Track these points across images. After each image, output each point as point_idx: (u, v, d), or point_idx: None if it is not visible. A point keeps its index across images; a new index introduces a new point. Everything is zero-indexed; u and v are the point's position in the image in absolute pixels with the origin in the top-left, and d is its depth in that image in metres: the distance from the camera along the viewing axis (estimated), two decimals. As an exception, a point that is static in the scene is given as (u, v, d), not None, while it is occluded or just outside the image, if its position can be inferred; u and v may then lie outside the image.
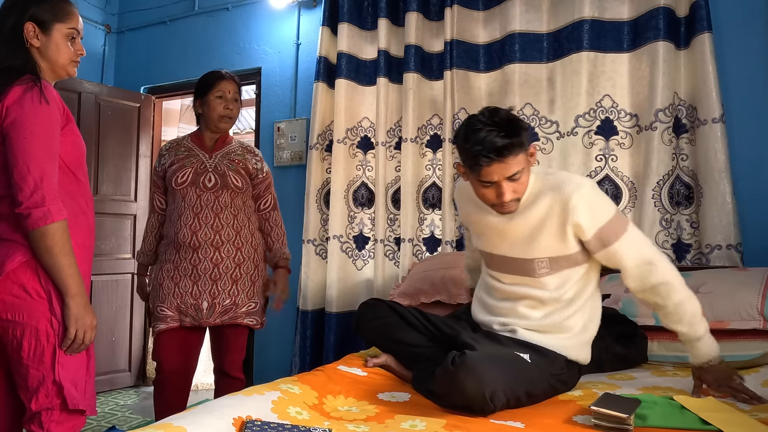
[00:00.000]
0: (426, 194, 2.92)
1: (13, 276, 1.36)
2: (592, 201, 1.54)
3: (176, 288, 2.12)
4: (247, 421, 1.19)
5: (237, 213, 2.17)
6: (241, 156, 2.22)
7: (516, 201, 1.56)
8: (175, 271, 2.13)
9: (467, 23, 2.82)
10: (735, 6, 2.39)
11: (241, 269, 2.15)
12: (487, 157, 1.45)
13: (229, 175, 2.16)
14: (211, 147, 2.22)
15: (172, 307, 2.12)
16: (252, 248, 2.20)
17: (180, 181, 2.14)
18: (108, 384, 3.58)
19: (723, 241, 2.25)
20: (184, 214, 2.12)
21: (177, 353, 2.17)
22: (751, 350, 1.81)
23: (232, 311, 2.13)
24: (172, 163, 2.19)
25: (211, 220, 2.12)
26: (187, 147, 2.22)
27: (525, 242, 1.61)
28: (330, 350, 2.94)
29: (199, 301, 2.10)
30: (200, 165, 2.16)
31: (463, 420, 1.31)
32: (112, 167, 3.65)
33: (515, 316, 1.65)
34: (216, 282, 2.12)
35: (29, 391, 1.37)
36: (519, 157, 1.49)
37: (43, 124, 1.37)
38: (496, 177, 1.49)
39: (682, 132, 2.40)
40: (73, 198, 1.46)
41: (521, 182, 1.53)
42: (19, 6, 1.45)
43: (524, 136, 1.50)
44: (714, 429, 1.24)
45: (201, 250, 2.11)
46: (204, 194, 2.13)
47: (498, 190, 1.51)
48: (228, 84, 2.20)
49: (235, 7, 3.65)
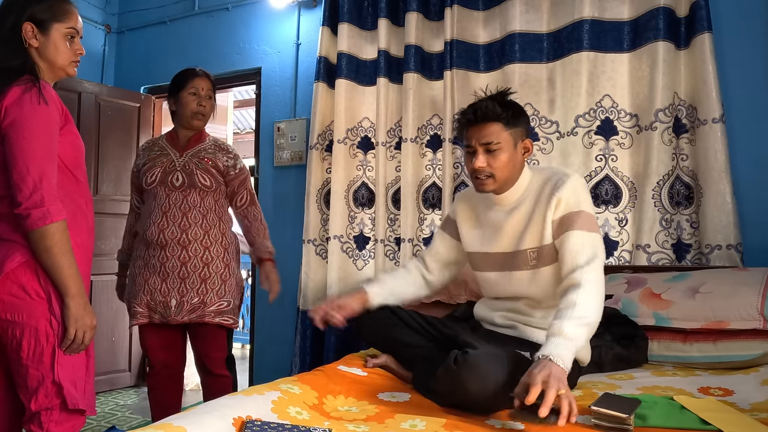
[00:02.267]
0: (426, 194, 2.92)
1: (12, 276, 1.36)
2: (580, 188, 1.60)
3: (146, 284, 2.14)
4: (247, 421, 1.19)
5: (206, 212, 2.17)
6: (212, 154, 2.22)
7: (490, 177, 1.60)
8: (144, 268, 2.16)
9: (467, 23, 2.82)
10: (735, 6, 2.39)
11: (210, 268, 2.15)
12: (466, 115, 1.60)
13: (196, 174, 2.16)
14: (184, 145, 2.23)
15: (143, 304, 2.14)
16: (222, 248, 2.19)
17: (149, 181, 2.17)
18: (108, 384, 3.58)
19: (723, 241, 2.25)
20: (154, 212, 2.15)
21: (161, 347, 2.20)
22: (751, 350, 1.81)
23: (200, 309, 2.13)
24: (145, 162, 2.22)
25: (178, 219, 2.13)
26: (160, 146, 2.24)
27: (520, 235, 1.65)
28: (330, 350, 2.94)
29: (168, 299, 2.12)
30: (169, 164, 2.18)
31: (463, 420, 1.31)
32: (112, 167, 3.65)
33: (517, 312, 1.68)
34: (184, 280, 2.12)
35: (29, 391, 1.37)
36: (496, 127, 1.57)
37: (42, 125, 1.37)
38: (473, 141, 1.59)
39: (682, 132, 2.40)
40: (73, 198, 1.46)
41: (498, 159, 1.58)
42: (17, 6, 1.45)
43: (511, 114, 1.58)
44: (714, 429, 1.24)
45: (168, 248, 2.12)
46: (173, 193, 2.15)
47: (474, 156, 1.59)
48: (201, 81, 2.21)
49: (235, 7, 3.65)
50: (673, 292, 2.01)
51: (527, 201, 1.64)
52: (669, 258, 2.38)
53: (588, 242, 1.53)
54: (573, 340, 1.36)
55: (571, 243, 1.53)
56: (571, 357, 1.35)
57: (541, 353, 1.33)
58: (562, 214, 1.57)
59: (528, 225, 1.62)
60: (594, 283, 1.47)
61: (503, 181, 1.62)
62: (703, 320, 1.90)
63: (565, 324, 1.38)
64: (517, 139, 1.60)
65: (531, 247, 1.62)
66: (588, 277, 1.47)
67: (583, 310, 1.41)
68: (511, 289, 1.70)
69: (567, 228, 1.55)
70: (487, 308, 1.78)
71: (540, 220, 1.60)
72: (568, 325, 1.38)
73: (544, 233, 1.60)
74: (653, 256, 2.38)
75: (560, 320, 1.40)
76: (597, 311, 1.44)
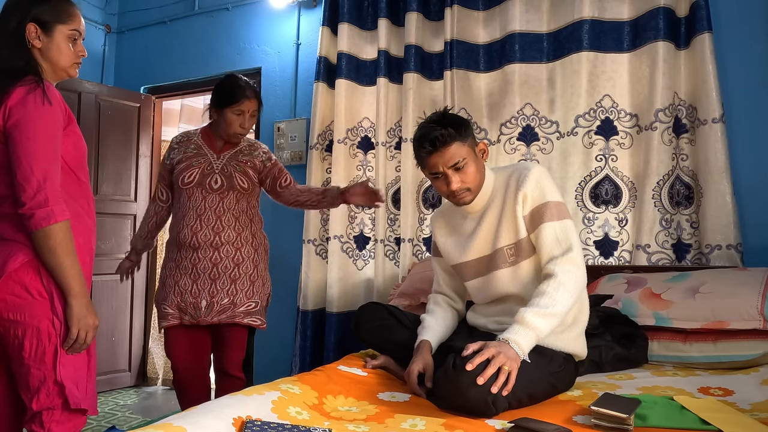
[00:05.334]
0: (426, 194, 2.92)
1: (15, 276, 1.36)
2: (542, 179, 1.63)
3: (176, 286, 2.15)
4: (247, 421, 1.19)
5: (239, 215, 2.18)
6: (248, 155, 2.23)
7: (468, 191, 1.65)
8: (176, 270, 2.16)
9: (467, 23, 2.82)
10: (735, 6, 2.39)
11: (240, 269, 2.16)
12: (424, 147, 1.61)
13: (235, 177, 2.17)
14: (221, 147, 2.22)
15: (173, 305, 2.15)
16: (252, 249, 2.20)
17: (186, 181, 2.15)
18: (108, 384, 3.58)
19: (723, 241, 2.25)
20: (188, 214, 2.14)
21: (186, 350, 2.20)
22: (751, 350, 1.81)
23: (230, 310, 2.14)
24: (180, 160, 2.20)
25: (212, 222, 2.13)
26: (197, 144, 2.22)
27: (494, 235, 1.68)
28: (330, 350, 2.94)
29: (198, 300, 2.12)
30: (207, 166, 2.17)
31: (463, 420, 1.31)
32: (112, 167, 3.65)
33: (508, 314, 1.66)
34: (215, 281, 2.13)
35: (30, 391, 1.38)
36: (456, 146, 1.59)
37: (46, 125, 1.37)
38: (440, 167, 1.61)
39: (682, 132, 2.41)
40: (75, 198, 1.46)
41: (468, 173, 1.62)
42: (21, 7, 1.45)
43: (462, 129, 1.62)
44: (714, 429, 1.24)
45: (201, 250, 2.12)
46: (209, 196, 2.15)
47: (446, 180, 1.62)
48: (251, 103, 2.17)
49: (235, 7, 3.65)
50: (673, 292, 2.01)
51: (495, 201, 1.68)
52: (669, 258, 2.38)
53: (561, 232, 1.58)
54: (534, 329, 1.44)
55: (545, 236, 1.59)
56: (530, 344, 1.44)
57: (501, 336, 1.44)
58: (531, 208, 1.62)
59: (500, 224, 1.66)
60: (568, 273, 1.52)
61: (478, 188, 1.67)
62: (703, 320, 1.90)
63: (529, 312, 1.46)
64: (473, 146, 1.65)
65: (507, 244, 1.66)
66: (562, 267, 1.53)
67: (550, 300, 1.48)
68: (495, 290, 1.70)
69: (539, 221, 1.60)
70: (479, 315, 1.78)
71: (511, 216, 1.64)
72: (531, 313, 1.46)
73: (518, 229, 1.63)
74: (653, 256, 2.38)
75: (526, 308, 1.48)
76: (566, 302, 1.49)
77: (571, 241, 1.57)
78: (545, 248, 1.59)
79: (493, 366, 1.35)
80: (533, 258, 1.64)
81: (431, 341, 1.68)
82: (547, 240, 1.58)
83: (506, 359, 1.37)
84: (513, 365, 1.38)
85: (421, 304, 2.44)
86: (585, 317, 1.68)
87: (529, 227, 1.63)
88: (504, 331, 1.46)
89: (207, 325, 2.16)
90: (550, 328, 1.47)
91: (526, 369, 1.42)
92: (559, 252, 1.56)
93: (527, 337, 1.44)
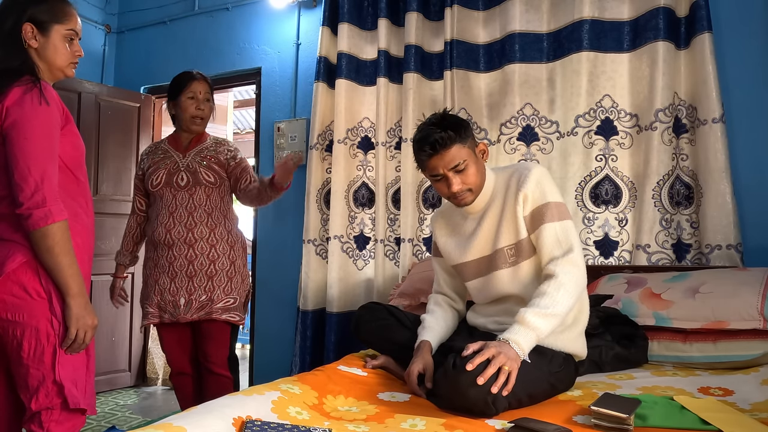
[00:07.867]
0: (426, 194, 2.91)
1: (13, 276, 1.36)
2: (543, 179, 1.63)
3: (156, 285, 2.20)
4: (247, 421, 1.19)
5: (212, 211, 2.21)
6: (212, 151, 2.27)
7: (469, 192, 1.65)
8: (154, 269, 2.21)
9: (467, 23, 2.82)
10: (735, 6, 2.39)
11: (216, 266, 2.19)
12: (425, 150, 1.60)
13: (200, 172, 2.21)
14: (186, 146, 2.28)
15: (153, 304, 2.20)
16: (228, 245, 2.23)
17: (155, 183, 2.22)
18: (108, 384, 3.57)
19: (723, 241, 2.25)
20: (161, 213, 2.20)
21: (177, 346, 2.26)
22: (751, 350, 1.81)
23: (207, 307, 2.17)
24: (149, 166, 2.27)
25: (185, 219, 2.17)
26: (163, 149, 2.30)
27: (494, 235, 1.67)
28: (330, 350, 2.94)
29: (177, 298, 2.17)
30: (173, 165, 2.23)
31: (463, 420, 1.31)
32: (111, 167, 3.65)
33: (508, 315, 1.66)
34: (192, 279, 2.16)
35: (29, 391, 1.38)
36: (457, 149, 1.59)
37: (43, 125, 1.37)
38: (440, 170, 1.61)
39: (682, 132, 2.40)
40: (73, 198, 1.46)
41: (469, 174, 1.62)
42: (17, 7, 1.45)
43: (462, 130, 1.61)
44: (714, 429, 1.24)
45: (175, 247, 2.16)
46: (179, 193, 2.19)
47: (447, 182, 1.62)
48: (199, 84, 2.25)
49: (235, 7, 3.65)
50: (673, 292, 2.01)
51: (496, 201, 1.68)
52: (669, 258, 2.38)
53: (561, 233, 1.58)
54: (534, 329, 1.45)
55: (546, 236, 1.59)
56: (530, 344, 1.44)
57: (501, 336, 1.44)
58: (531, 208, 1.62)
59: (501, 224, 1.66)
60: (569, 274, 1.52)
61: (479, 189, 1.67)
62: (703, 320, 1.90)
63: (529, 312, 1.46)
64: (473, 147, 1.65)
65: (508, 244, 1.66)
66: (563, 268, 1.53)
67: (551, 300, 1.48)
68: (495, 290, 1.70)
69: (539, 222, 1.60)
70: (479, 315, 1.78)
71: (511, 217, 1.64)
72: (532, 313, 1.46)
73: (518, 229, 1.63)
74: (653, 256, 2.38)
75: (527, 308, 1.48)
76: (566, 302, 1.49)
77: (572, 242, 1.58)
78: (546, 249, 1.59)
79: (493, 366, 1.36)
80: (533, 258, 1.64)
81: (431, 341, 1.68)
82: (548, 240, 1.58)
83: (506, 359, 1.38)
84: (513, 365, 1.38)
85: (421, 304, 2.44)
86: (585, 317, 1.68)
87: (529, 228, 1.63)
88: (504, 331, 1.46)
89: (187, 322, 2.20)
90: (550, 328, 1.47)
91: (526, 369, 1.42)
92: (560, 253, 1.56)
93: (527, 338, 1.44)
